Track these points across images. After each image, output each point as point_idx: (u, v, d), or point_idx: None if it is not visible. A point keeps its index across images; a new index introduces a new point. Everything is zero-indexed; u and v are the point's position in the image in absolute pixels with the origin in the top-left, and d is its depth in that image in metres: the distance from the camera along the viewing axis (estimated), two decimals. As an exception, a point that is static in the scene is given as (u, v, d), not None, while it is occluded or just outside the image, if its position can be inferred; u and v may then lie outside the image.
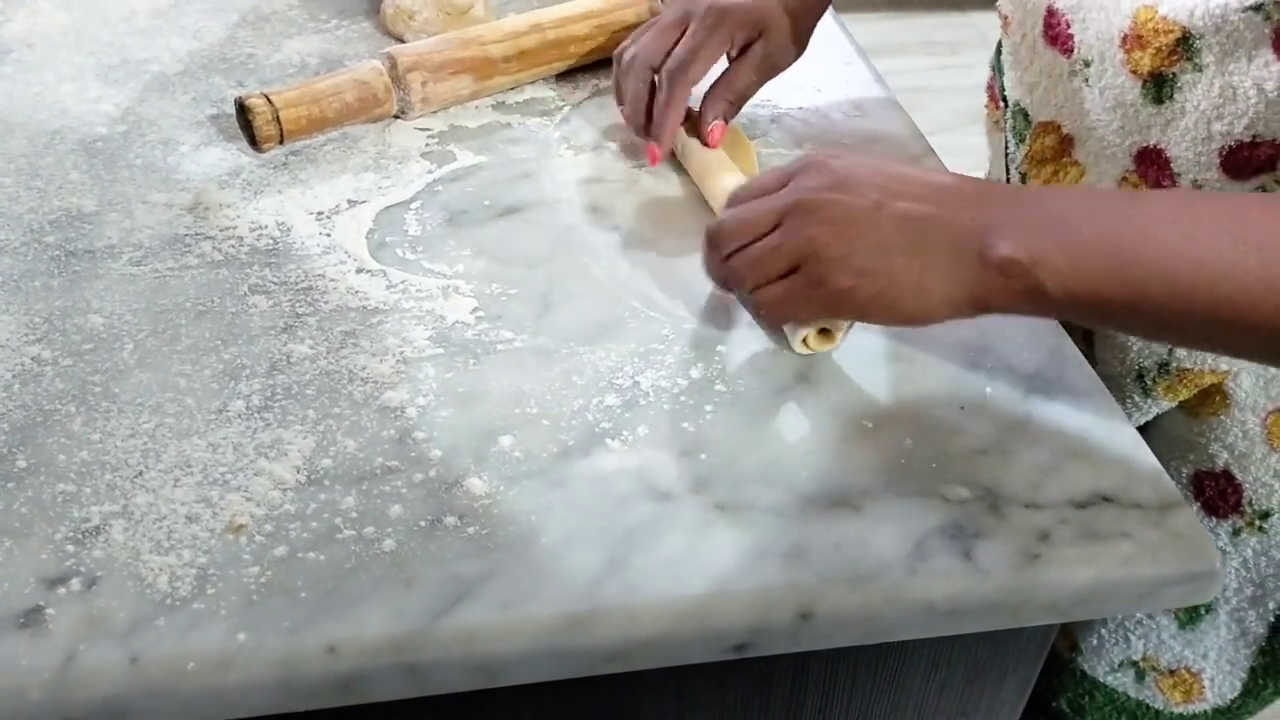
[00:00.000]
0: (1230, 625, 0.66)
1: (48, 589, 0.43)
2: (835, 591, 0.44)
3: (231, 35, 0.83)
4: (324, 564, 0.44)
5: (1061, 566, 0.45)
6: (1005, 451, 0.50)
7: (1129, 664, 0.69)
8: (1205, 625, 0.67)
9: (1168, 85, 0.55)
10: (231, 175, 0.67)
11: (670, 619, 0.44)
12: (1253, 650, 0.66)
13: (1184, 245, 0.44)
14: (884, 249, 0.48)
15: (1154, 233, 0.45)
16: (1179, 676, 0.68)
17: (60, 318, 0.56)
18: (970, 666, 0.55)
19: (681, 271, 0.61)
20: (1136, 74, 0.56)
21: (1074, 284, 0.45)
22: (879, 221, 0.48)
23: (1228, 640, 0.67)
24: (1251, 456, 0.61)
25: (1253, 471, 0.61)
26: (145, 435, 0.49)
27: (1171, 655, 0.68)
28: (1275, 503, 0.61)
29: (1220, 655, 0.67)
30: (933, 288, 0.48)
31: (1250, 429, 0.61)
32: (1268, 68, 0.51)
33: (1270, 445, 0.60)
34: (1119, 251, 0.45)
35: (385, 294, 0.58)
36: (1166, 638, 0.68)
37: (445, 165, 0.69)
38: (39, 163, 0.68)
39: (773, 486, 0.48)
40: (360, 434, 0.50)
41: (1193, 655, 0.68)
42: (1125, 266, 0.45)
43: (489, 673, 0.43)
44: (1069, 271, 0.45)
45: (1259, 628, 0.65)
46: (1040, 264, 0.45)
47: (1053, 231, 0.46)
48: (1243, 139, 0.54)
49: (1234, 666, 0.67)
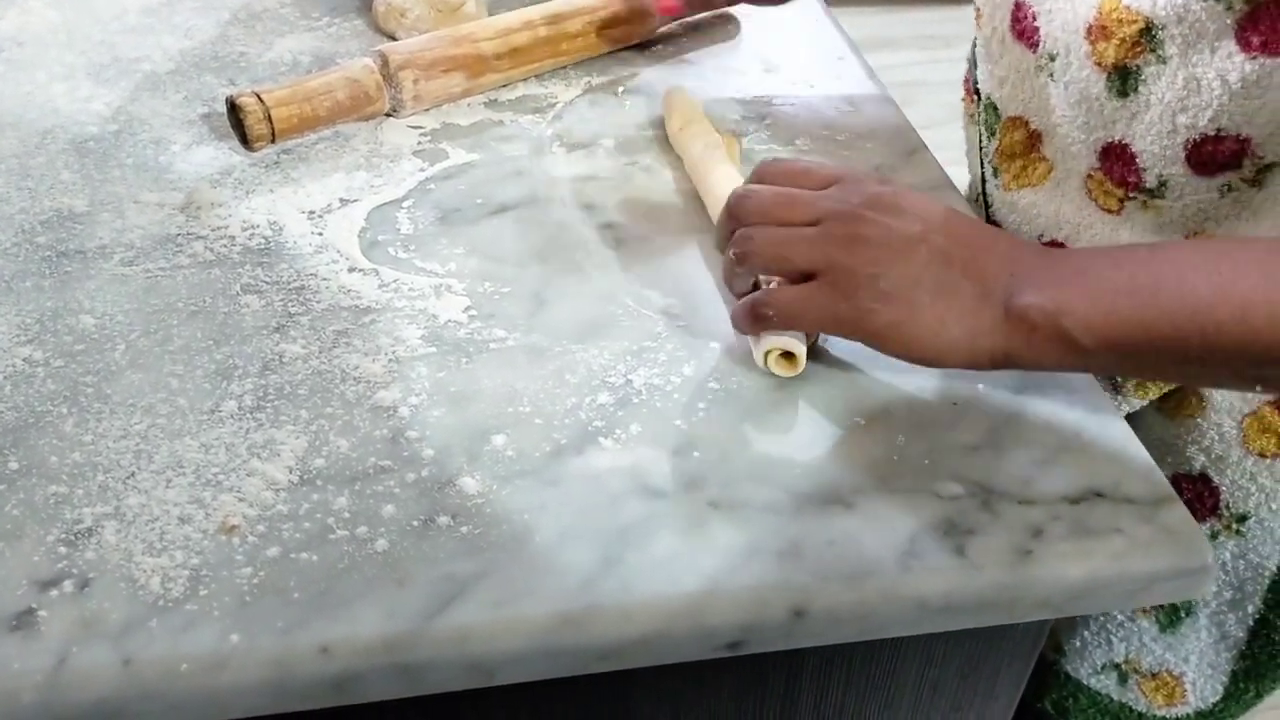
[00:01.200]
0: (1210, 629, 0.66)
1: (40, 591, 0.43)
2: (829, 589, 0.44)
3: (223, 33, 0.83)
4: (317, 564, 0.44)
5: (1054, 562, 0.45)
6: (998, 447, 0.50)
7: (1111, 666, 0.69)
8: (1185, 629, 0.66)
9: (1132, 78, 0.55)
10: (223, 174, 0.67)
11: (664, 617, 0.44)
12: (1233, 654, 0.66)
13: (1211, 282, 0.44)
14: (914, 281, 0.48)
15: (1181, 274, 0.45)
16: (1161, 679, 0.68)
17: (52, 318, 0.56)
18: (964, 662, 0.55)
19: (675, 269, 0.61)
20: (1101, 66, 0.56)
21: (1101, 330, 0.45)
22: (915, 254, 0.48)
23: (1208, 644, 0.66)
24: (1228, 459, 0.61)
25: (1229, 474, 0.61)
26: (137, 436, 0.49)
27: (1153, 658, 0.68)
28: (1252, 506, 0.61)
29: (1201, 659, 0.67)
30: (953, 329, 0.48)
31: (1226, 431, 0.60)
32: (1230, 59, 0.51)
33: (1246, 448, 0.60)
34: (1145, 294, 0.45)
35: (377, 293, 0.58)
36: (1148, 640, 0.67)
37: (437, 163, 0.69)
38: (30, 163, 0.68)
39: (766, 484, 0.48)
40: (353, 434, 0.50)
41: (1174, 659, 0.67)
42: (1152, 307, 0.44)
43: (483, 672, 0.43)
44: (1096, 318, 0.45)
45: (1239, 631, 0.65)
46: (1066, 312, 0.45)
47: (1078, 282, 0.46)
48: (1207, 132, 0.53)
49: (1215, 670, 0.67)
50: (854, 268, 0.48)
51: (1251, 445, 0.60)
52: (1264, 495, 0.61)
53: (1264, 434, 0.59)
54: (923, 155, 0.71)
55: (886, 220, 0.49)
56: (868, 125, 0.73)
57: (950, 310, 0.47)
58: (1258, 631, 0.65)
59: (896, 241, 0.48)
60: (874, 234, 0.49)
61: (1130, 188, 0.59)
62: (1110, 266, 0.46)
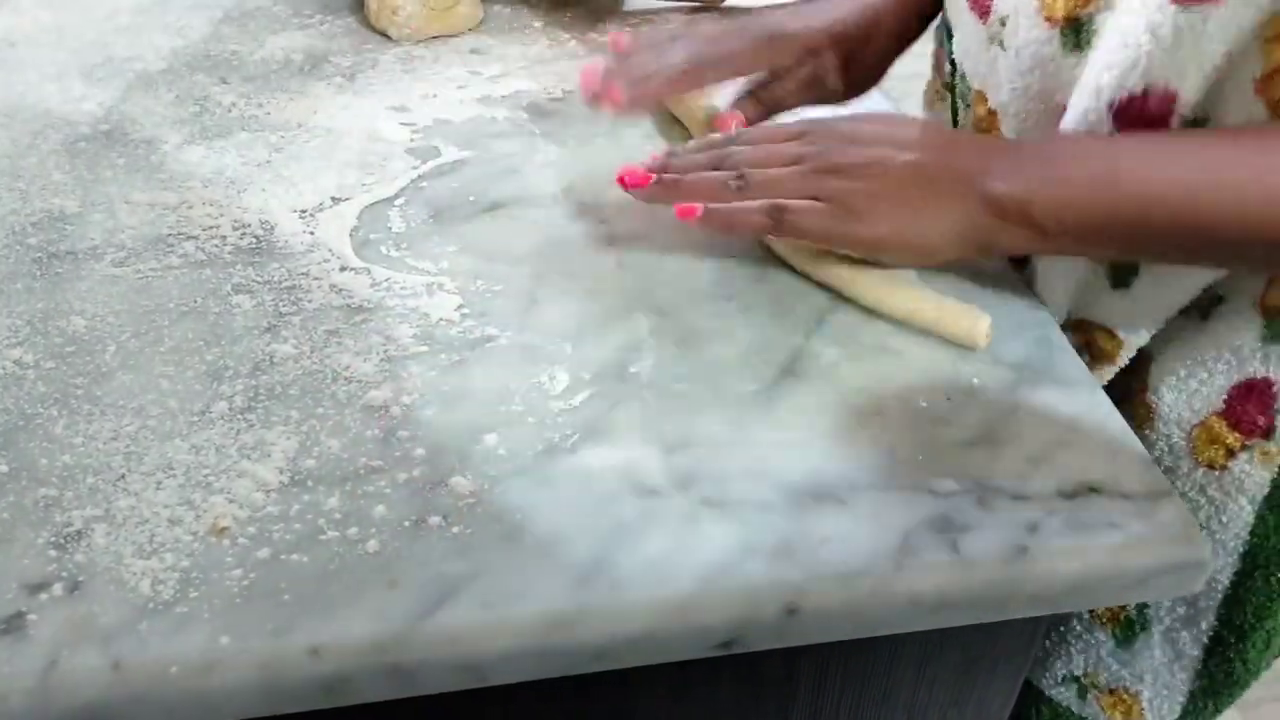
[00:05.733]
0: (1164, 647, 0.63)
1: (29, 594, 0.43)
2: (822, 586, 0.44)
3: (215, 32, 0.83)
4: (307, 566, 0.44)
5: (1050, 558, 0.45)
6: (993, 443, 0.50)
7: (1071, 679, 0.67)
8: (1140, 645, 0.64)
9: (1085, 29, 0.53)
10: (215, 174, 0.67)
11: (657, 616, 0.43)
12: (1189, 674, 0.63)
13: (1173, 165, 0.49)
14: (899, 192, 0.54)
15: (1146, 158, 0.49)
16: (1118, 696, 0.66)
17: (42, 320, 0.56)
18: (962, 657, 0.54)
19: (669, 266, 0.60)
20: (1052, 21, 0.54)
21: (1067, 215, 0.50)
22: (892, 170, 0.54)
23: (1163, 663, 0.64)
24: (1178, 471, 0.59)
25: (1179, 486, 0.59)
26: (128, 438, 0.49)
27: (1109, 674, 0.65)
28: (1203, 518, 0.58)
29: (1156, 679, 0.64)
30: (942, 225, 0.53)
31: (1175, 443, 0.58)
32: (1162, 10, 0.48)
33: (1195, 459, 0.58)
34: (1109, 178, 0.49)
35: (369, 292, 0.58)
36: (1104, 654, 0.65)
37: (430, 161, 0.69)
38: (21, 164, 0.68)
39: (759, 482, 0.48)
40: (344, 434, 0.50)
41: (1130, 676, 0.65)
42: (1115, 189, 0.49)
43: (475, 673, 0.43)
44: (1062, 202, 0.50)
45: (1193, 649, 0.62)
46: (1033, 200, 0.50)
47: (1042, 169, 0.51)
48: (1134, 91, 0.51)
49: (1171, 690, 0.64)
50: (845, 190, 0.54)
51: (1200, 456, 0.58)
52: (1214, 508, 0.58)
53: (1212, 445, 0.57)
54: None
55: (859, 149, 0.55)
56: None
57: (936, 210, 0.53)
58: (1213, 649, 0.62)
59: (874, 166, 0.54)
60: (852, 161, 0.54)
61: None
62: (1075, 154, 0.51)
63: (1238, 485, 0.57)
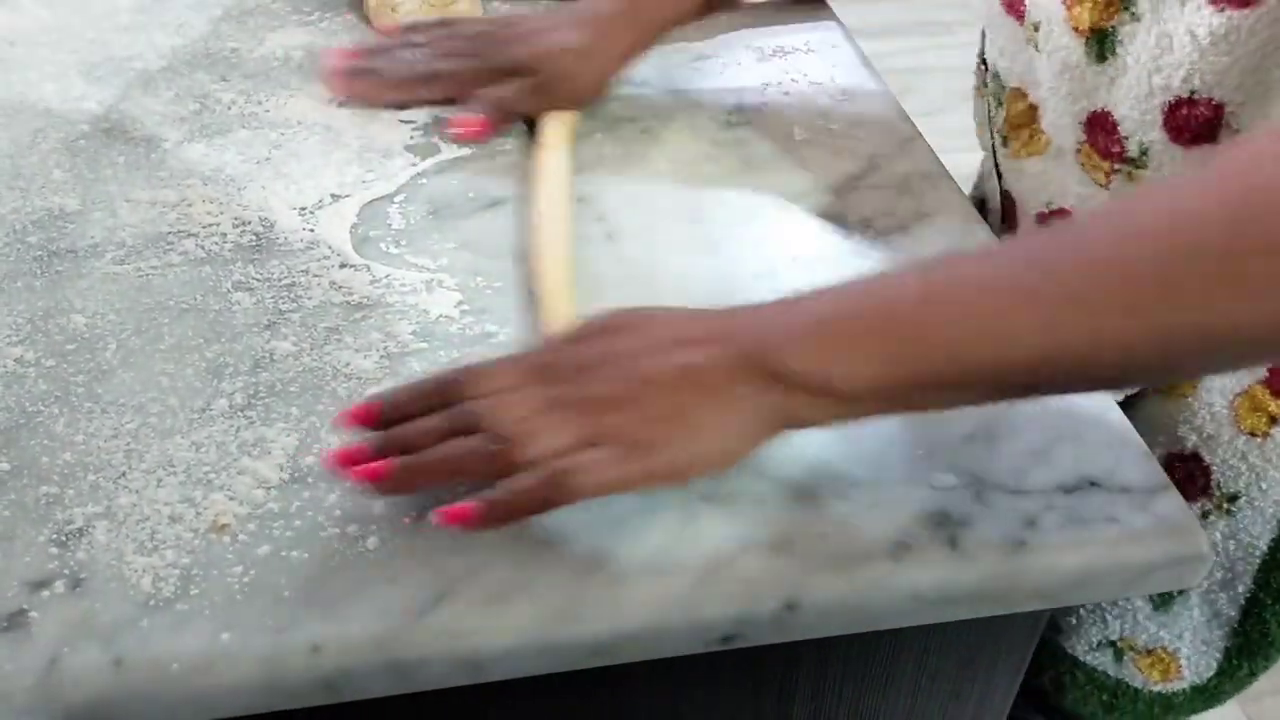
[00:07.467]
0: (1202, 608, 0.66)
1: (31, 592, 0.43)
2: (821, 581, 0.44)
3: (215, 29, 0.83)
4: (307, 562, 0.44)
5: (1049, 553, 0.45)
6: (992, 437, 0.50)
7: (1107, 644, 0.69)
8: (1178, 607, 0.67)
9: (1109, 40, 0.55)
10: (215, 171, 0.67)
11: (656, 611, 0.43)
12: (1226, 631, 0.66)
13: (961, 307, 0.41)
14: (676, 405, 0.43)
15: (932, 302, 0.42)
16: (1156, 655, 0.68)
17: (43, 319, 0.56)
18: (963, 651, 0.54)
19: (667, 261, 0.60)
20: (1079, 31, 0.56)
21: (863, 378, 0.42)
22: (657, 383, 0.44)
23: (1200, 622, 0.67)
24: (1219, 439, 0.61)
25: (1220, 454, 0.61)
26: (128, 435, 0.49)
27: (1147, 635, 0.68)
28: (1242, 485, 0.61)
29: (1195, 636, 0.67)
30: (740, 423, 0.44)
31: (1218, 411, 0.60)
32: (1199, 12, 0.50)
33: (1237, 427, 0.60)
34: (896, 332, 0.42)
35: (369, 289, 0.58)
36: (1142, 619, 0.68)
37: (429, 158, 0.69)
38: (21, 162, 0.68)
39: (758, 476, 0.48)
40: (344, 431, 0.50)
41: (1168, 636, 0.68)
42: (906, 344, 0.41)
43: (474, 668, 0.43)
44: (853, 366, 0.42)
45: (1230, 610, 0.65)
46: (822, 368, 0.42)
47: (820, 330, 0.43)
48: (1181, 94, 0.53)
49: (1209, 647, 0.67)
50: (620, 424, 0.43)
51: (1243, 424, 0.60)
52: (1254, 475, 0.61)
53: (1254, 413, 0.59)
54: (917, 144, 0.70)
55: (611, 370, 0.44)
56: (862, 114, 0.73)
57: (728, 408, 0.43)
58: (1249, 611, 0.65)
59: (635, 386, 0.43)
60: (610, 390, 0.44)
61: (1114, 159, 0.59)
62: (854, 310, 0.43)
63: (1279, 452, 0.59)
